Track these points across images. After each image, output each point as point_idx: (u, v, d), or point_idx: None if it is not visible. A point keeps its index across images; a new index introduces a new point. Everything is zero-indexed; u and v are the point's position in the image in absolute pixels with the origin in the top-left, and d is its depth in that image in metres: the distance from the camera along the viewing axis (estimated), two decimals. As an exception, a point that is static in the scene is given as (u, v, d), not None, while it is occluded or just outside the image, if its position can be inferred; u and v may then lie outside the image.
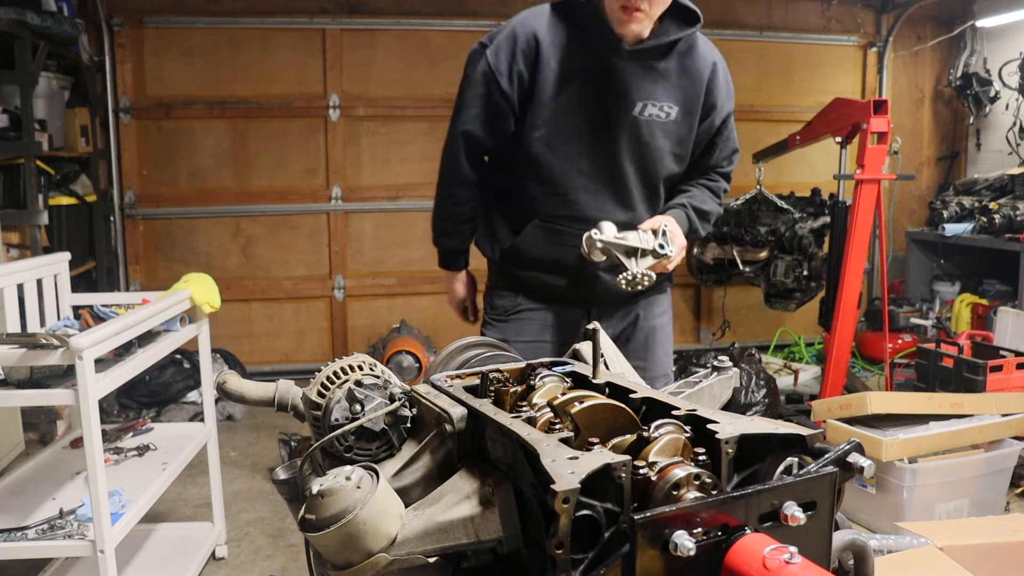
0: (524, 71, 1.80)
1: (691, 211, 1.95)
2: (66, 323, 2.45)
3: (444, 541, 0.94)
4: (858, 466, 0.91)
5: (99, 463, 1.96)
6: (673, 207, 1.95)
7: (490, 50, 1.84)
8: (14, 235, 3.92)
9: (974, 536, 2.27)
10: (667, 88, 1.85)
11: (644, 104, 1.83)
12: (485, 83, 1.84)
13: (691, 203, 1.96)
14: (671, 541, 0.79)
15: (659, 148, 1.88)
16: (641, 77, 1.81)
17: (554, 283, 1.97)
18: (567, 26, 1.81)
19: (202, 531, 2.89)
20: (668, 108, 1.85)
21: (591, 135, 1.84)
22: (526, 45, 1.80)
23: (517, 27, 1.82)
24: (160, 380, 4.41)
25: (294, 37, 5.13)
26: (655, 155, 1.89)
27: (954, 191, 5.68)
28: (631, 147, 1.86)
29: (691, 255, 5.41)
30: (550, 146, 1.86)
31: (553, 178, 1.87)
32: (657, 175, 1.93)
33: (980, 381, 3.50)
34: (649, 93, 1.83)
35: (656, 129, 1.86)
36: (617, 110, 1.82)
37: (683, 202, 1.96)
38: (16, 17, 3.68)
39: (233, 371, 1.33)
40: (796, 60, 5.89)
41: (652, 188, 1.94)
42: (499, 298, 2.06)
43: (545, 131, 1.85)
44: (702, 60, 1.89)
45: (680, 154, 1.93)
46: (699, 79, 1.89)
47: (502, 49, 1.81)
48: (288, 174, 5.23)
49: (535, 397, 1.15)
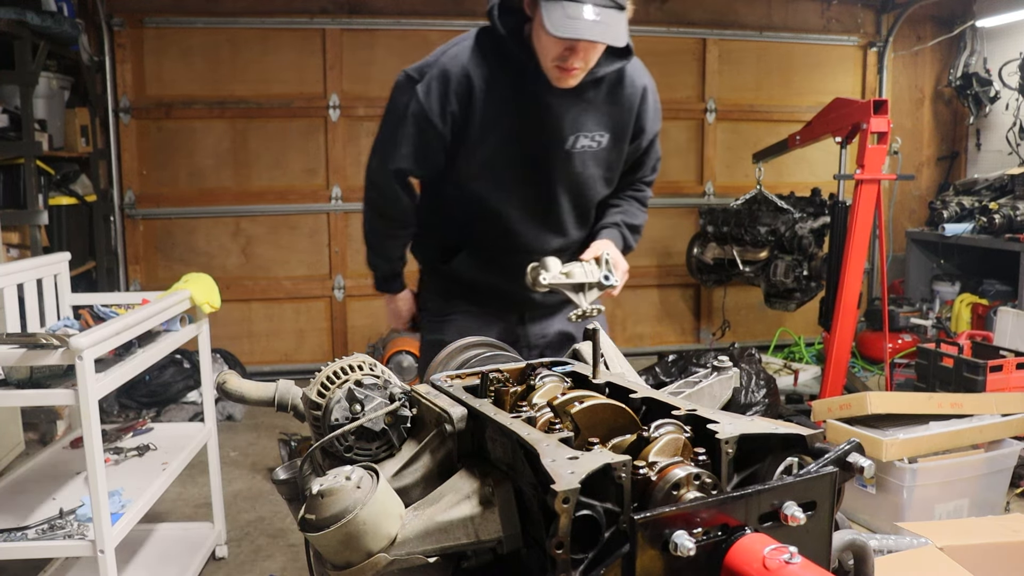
0: (457, 111, 1.79)
1: (624, 229, 1.99)
2: (66, 323, 2.45)
3: (444, 541, 0.94)
4: (858, 466, 0.91)
5: (99, 463, 1.96)
6: (607, 227, 1.98)
7: (421, 87, 1.80)
8: (14, 235, 3.92)
9: (974, 536, 2.27)
10: (597, 117, 1.85)
11: (576, 136, 1.83)
12: (417, 124, 1.81)
13: (624, 220, 2.00)
14: (671, 541, 0.79)
15: (591, 177, 1.91)
16: (572, 109, 1.81)
17: (486, 299, 2.00)
18: (495, 62, 1.79)
19: (202, 531, 2.89)
20: (599, 137, 1.87)
21: (524, 170, 1.85)
22: (458, 85, 1.78)
23: (448, 65, 1.79)
24: (160, 380, 4.41)
25: (294, 37, 5.13)
26: (588, 183, 1.91)
27: (954, 191, 5.68)
28: (564, 179, 1.88)
29: (691, 255, 5.41)
30: (484, 182, 1.87)
31: (487, 211, 1.88)
32: (590, 201, 1.96)
33: (980, 381, 3.50)
34: (580, 125, 1.83)
35: (588, 159, 1.88)
36: (550, 144, 1.83)
37: (616, 220, 1.99)
38: (16, 17, 3.68)
39: (233, 371, 1.33)
40: (796, 60, 5.90)
41: (584, 213, 1.98)
42: (431, 301, 2.07)
43: (478, 168, 1.85)
44: (632, 86, 1.89)
45: (610, 178, 1.97)
46: (629, 106, 1.89)
47: (434, 90, 1.78)
48: (288, 174, 5.23)
49: (535, 397, 1.15)
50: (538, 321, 2.05)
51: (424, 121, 1.80)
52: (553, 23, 1.59)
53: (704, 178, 5.82)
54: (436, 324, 2.04)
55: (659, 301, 5.83)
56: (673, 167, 5.77)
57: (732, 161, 5.81)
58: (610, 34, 1.63)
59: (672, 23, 5.62)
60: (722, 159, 5.84)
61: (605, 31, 1.61)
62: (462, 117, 1.80)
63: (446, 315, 2.02)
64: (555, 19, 1.59)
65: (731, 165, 5.83)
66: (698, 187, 5.83)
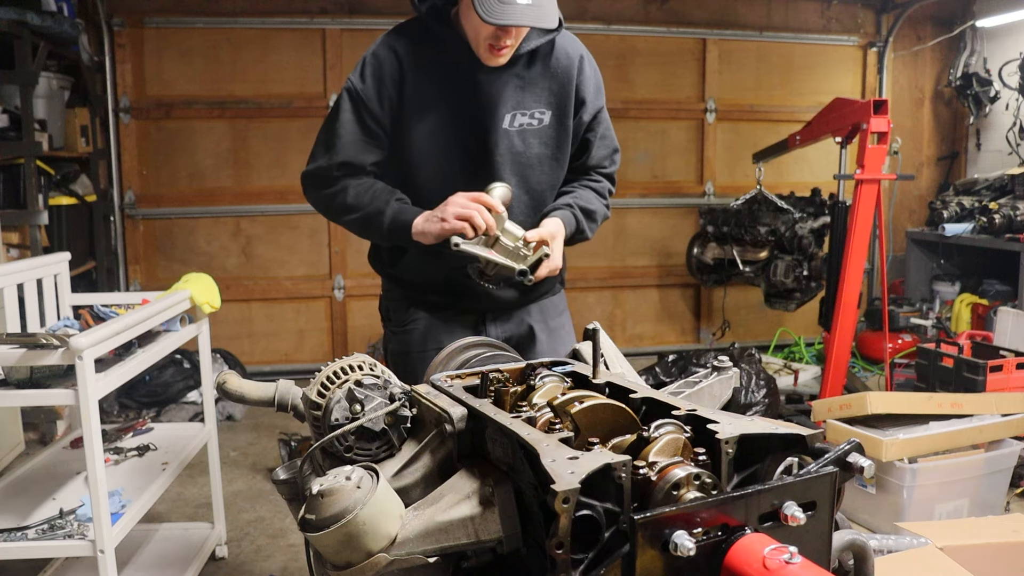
0: (394, 95, 1.75)
1: (577, 211, 1.87)
2: (66, 323, 2.45)
3: (444, 541, 0.94)
4: (858, 466, 0.91)
5: (99, 463, 1.96)
6: (558, 207, 1.87)
7: (354, 75, 1.76)
8: (14, 235, 3.92)
9: (974, 536, 2.27)
10: (535, 93, 1.80)
11: (513, 115, 1.79)
12: (355, 109, 1.76)
13: (576, 203, 1.88)
14: (671, 541, 0.79)
15: (537, 156, 1.84)
16: (506, 87, 1.77)
17: (443, 300, 1.91)
18: (425, 47, 1.76)
19: (202, 531, 2.89)
20: (540, 114, 1.81)
21: (465, 153, 1.79)
22: (392, 68, 1.74)
23: (379, 52, 1.76)
24: (160, 380, 4.41)
25: (294, 37, 5.13)
26: (534, 163, 1.84)
27: (954, 191, 5.68)
28: (508, 159, 1.81)
29: (691, 255, 5.41)
30: (424, 170, 1.80)
31: (431, 202, 1.75)
32: (539, 183, 1.87)
33: (980, 381, 3.50)
34: (517, 103, 1.79)
35: (530, 137, 1.82)
36: (487, 125, 1.78)
37: (568, 202, 1.88)
38: (16, 17, 3.68)
39: (233, 371, 1.33)
40: (796, 60, 5.90)
41: (536, 198, 1.88)
42: (394, 311, 1.97)
43: (417, 155, 1.79)
44: (567, 57, 1.83)
45: (560, 158, 1.88)
46: (567, 78, 1.83)
47: (368, 75, 1.75)
48: (288, 174, 5.23)
49: (535, 397, 1.15)
50: (500, 321, 1.95)
51: (361, 105, 1.75)
52: (485, 9, 1.56)
53: (704, 178, 5.82)
54: (398, 335, 1.95)
55: (659, 301, 5.83)
56: (673, 167, 5.77)
57: (732, 161, 5.81)
58: (544, 17, 1.60)
59: (672, 23, 5.63)
60: (722, 159, 5.84)
61: (539, 14, 1.59)
62: (398, 101, 1.76)
63: (406, 324, 1.93)
64: (487, 4, 1.56)
65: (731, 165, 5.83)
66: (698, 187, 5.83)
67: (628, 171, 5.57)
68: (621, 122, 5.39)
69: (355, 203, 1.79)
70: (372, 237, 1.92)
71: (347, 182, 1.79)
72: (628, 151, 5.59)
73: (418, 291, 1.92)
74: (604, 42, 5.40)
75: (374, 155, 1.80)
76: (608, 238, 5.64)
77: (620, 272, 5.68)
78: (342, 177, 1.79)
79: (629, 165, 5.59)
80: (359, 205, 1.79)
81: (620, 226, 5.64)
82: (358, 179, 1.79)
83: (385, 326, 2.02)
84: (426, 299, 1.92)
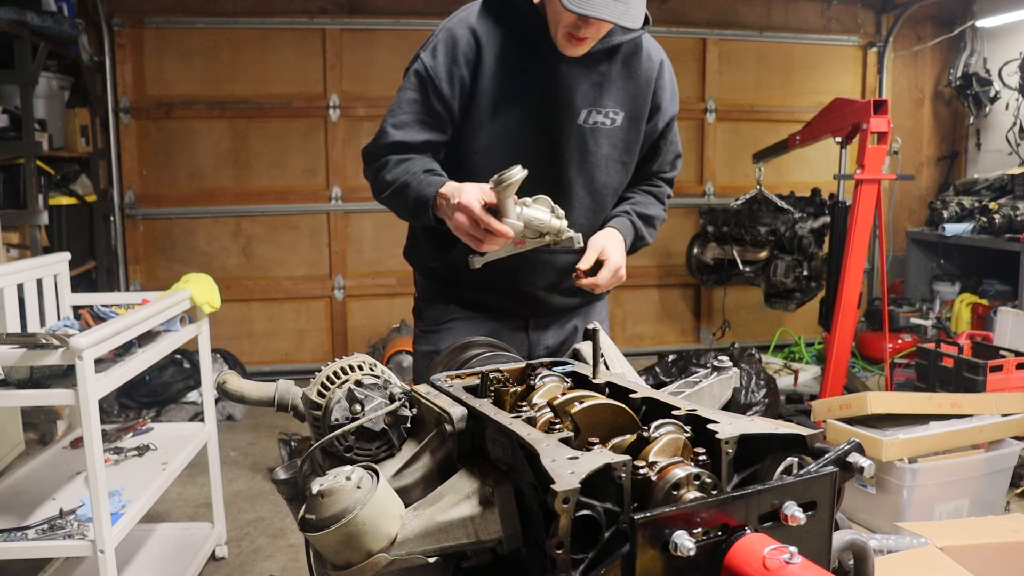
0: (466, 76, 1.65)
1: (635, 217, 1.82)
2: (66, 323, 2.44)
3: (444, 541, 0.94)
4: (858, 466, 0.91)
5: (99, 463, 1.96)
6: (617, 215, 1.82)
7: (425, 53, 1.67)
8: (14, 235, 3.92)
9: (974, 536, 2.27)
10: (612, 93, 1.73)
11: (589, 111, 1.72)
12: (421, 87, 1.67)
13: (635, 209, 1.83)
14: (671, 541, 0.79)
15: (605, 157, 1.77)
16: (585, 82, 1.70)
17: (490, 300, 1.83)
18: (506, 28, 1.67)
19: (202, 531, 2.89)
20: (613, 114, 1.74)
21: (534, 145, 1.71)
22: (467, 47, 1.65)
23: (455, 28, 1.66)
24: (160, 380, 4.42)
25: (294, 37, 5.13)
26: (601, 164, 1.77)
27: (954, 191, 5.69)
28: (577, 158, 1.74)
29: (691, 255, 5.41)
30: (490, 157, 1.69)
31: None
32: (604, 186, 1.80)
33: (980, 381, 3.50)
34: (593, 99, 1.71)
35: (602, 137, 1.75)
36: (561, 119, 1.70)
37: (627, 209, 1.83)
38: (16, 17, 3.68)
39: (233, 371, 1.33)
40: (796, 60, 5.90)
41: (599, 200, 1.81)
42: (429, 308, 1.90)
43: (485, 141, 1.70)
44: (648, 60, 1.77)
45: (627, 162, 1.82)
46: (646, 81, 1.76)
47: (440, 53, 1.65)
48: (288, 174, 5.23)
49: (535, 397, 1.15)
50: (544, 329, 1.89)
51: (428, 84, 1.65)
52: None
53: (704, 178, 5.83)
54: (431, 334, 1.87)
55: (659, 301, 5.83)
56: (673, 167, 5.77)
57: (732, 161, 5.82)
58: (629, 14, 1.51)
59: (672, 23, 5.63)
60: (722, 159, 5.84)
61: (624, 11, 1.50)
62: (471, 83, 1.66)
63: (442, 322, 1.85)
64: None
65: (731, 165, 5.83)
66: (698, 187, 5.83)
67: (628, 171, 5.57)
68: (621, 122, 5.39)
69: (391, 179, 1.68)
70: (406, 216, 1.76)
71: (390, 158, 1.69)
72: (628, 151, 5.61)
73: (463, 288, 1.83)
74: (604, 42, 5.40)
75: (433, 135, 1.70)
76: (608, 238, 5.63)
77: (620, 272, 5.67)
78: (388, 154, 1.70)
79: (629, 165, 5.59)
80: (393, 180, 1.67)
81: (620, 226, 5.64)
82: (403, 155, 1.69)
83: (417, 326, 1.94)
84: (468, 298, 1.84)
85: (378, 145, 1.71)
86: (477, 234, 1.53)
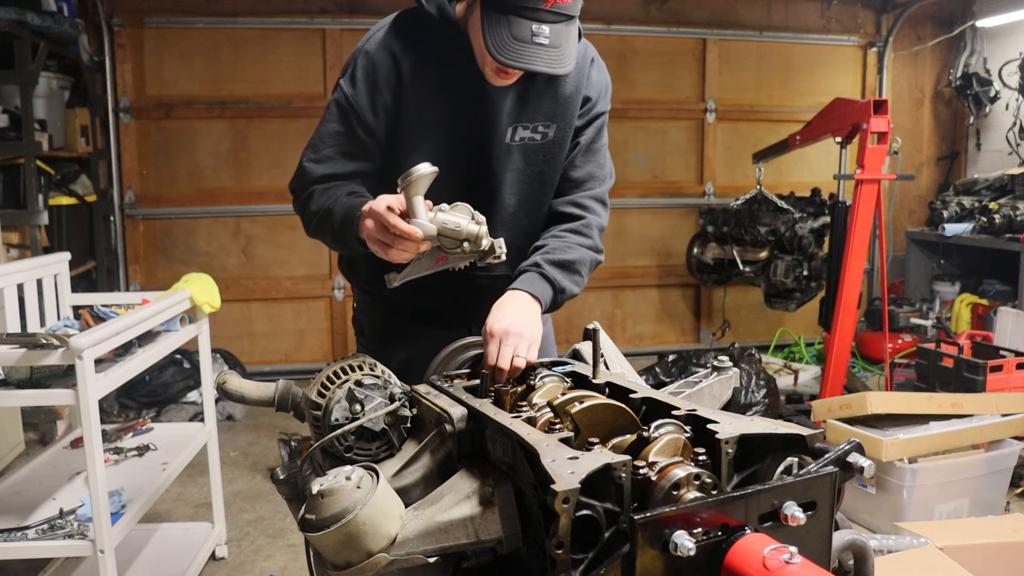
0: (389, 101, 1.57)
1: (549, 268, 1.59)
2: (66, 323, 2.44)
3: (444, 541, 0.94)
4: (858, 466, 0.91)
5: (99, 463, 1.96)
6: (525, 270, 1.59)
7: (344, 80, 1.58)
8: (14, 235, 3.92)
9: (974, 536, 2.27)
10: (540, 105, 1.63)
11: (515, 128, 1.62)
12: (343, 118, 1.58)
13: (548, 258, 1.60)
14: (671, 541, 0.79)
15: (539, 174, 1.68)
16: (508, 98, 1.60)
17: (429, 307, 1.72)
18: (423, 46, 1.57)
19: (202, 531, 2.89)
20: (543, 127, 1.65)
21: (465, 165, 1.61)
22: (388, 71, 1.55)
23: (373, 52, 1.56)
24: (160, 380, 4.41)
25: (294, 37, 5.13)
26: (534, 183, 1.68)
27: (954, 191, 5.69)
28: (509, 177, 1.65)
29: (691, 255, 5.41)
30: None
31: None
32: (540, 204, 1.71)
33: (980, 381, 3.50)
34: (519, 115, 1.61)
35: (532, 154, 1.65)
36: (489, 137, 1.61)
37: (536, 260, 1.60)
38: (16, 17, 3.68)
39: (233, 371, 1.33)
40: (796, 60, 5.90)
41: (535, 219, 1.71)
42: (367, 319, 1.82)
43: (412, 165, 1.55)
44: (576, 67, 1.61)
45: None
46: (575, 86, 1.66)
47: (359, 79, 1.56)
48: (288, 174, 5.12)
49: (535, 397, 1.15)
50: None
51: (352, 116, 1.57)
52: (497, 45, 1.39)
53: (704, 178, 5.83)
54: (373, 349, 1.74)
55: (659, 301, 5.83)
56: (673, 167, 5.77)
57: (732, 161, 5.82)
58: (562, 60, 1.41)
59: (672, 23, 5.63)
60: (722, 159, 5.84)
61: (558, 59, 1.40)
62: (394, 107, 1.58)
63: (385, 350, 1.69)
64: (499, 41, 1.39)
65: (731, 165, 5.83)
66: (698, 187, 5.83)
67: (628, 171, 5.57)
68: (621, 122, 5.40)
69: (316, 208, 1.58)
70: (333, 244, 1.63)
71: (315, 188, 1.61)
72: (628, 151, 5.60)
73: (403, 314, 1.75)
74: (604, 42, 5.38)
75: (360, 165, 1.63)
76: (608, 238, 5.58)
77: (620, 272, 5.68)
78: (313, 185, 1.61)
79: (629, 165, 5.59)
80: (318, 209, 1.58)
81: (620, 226, 5.65)
82: (328, 184, 1.61)
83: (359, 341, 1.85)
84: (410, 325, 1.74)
85: (303, 181, 1.63)
86: (385, 238, 1.40)
